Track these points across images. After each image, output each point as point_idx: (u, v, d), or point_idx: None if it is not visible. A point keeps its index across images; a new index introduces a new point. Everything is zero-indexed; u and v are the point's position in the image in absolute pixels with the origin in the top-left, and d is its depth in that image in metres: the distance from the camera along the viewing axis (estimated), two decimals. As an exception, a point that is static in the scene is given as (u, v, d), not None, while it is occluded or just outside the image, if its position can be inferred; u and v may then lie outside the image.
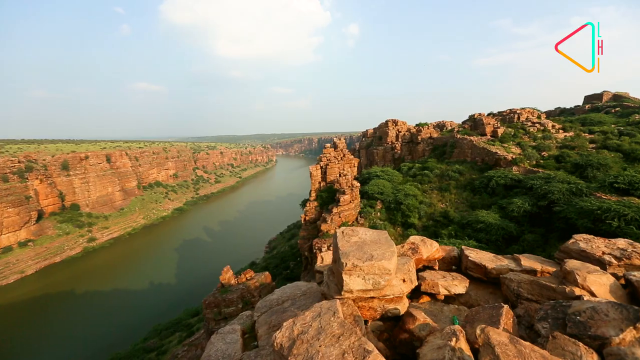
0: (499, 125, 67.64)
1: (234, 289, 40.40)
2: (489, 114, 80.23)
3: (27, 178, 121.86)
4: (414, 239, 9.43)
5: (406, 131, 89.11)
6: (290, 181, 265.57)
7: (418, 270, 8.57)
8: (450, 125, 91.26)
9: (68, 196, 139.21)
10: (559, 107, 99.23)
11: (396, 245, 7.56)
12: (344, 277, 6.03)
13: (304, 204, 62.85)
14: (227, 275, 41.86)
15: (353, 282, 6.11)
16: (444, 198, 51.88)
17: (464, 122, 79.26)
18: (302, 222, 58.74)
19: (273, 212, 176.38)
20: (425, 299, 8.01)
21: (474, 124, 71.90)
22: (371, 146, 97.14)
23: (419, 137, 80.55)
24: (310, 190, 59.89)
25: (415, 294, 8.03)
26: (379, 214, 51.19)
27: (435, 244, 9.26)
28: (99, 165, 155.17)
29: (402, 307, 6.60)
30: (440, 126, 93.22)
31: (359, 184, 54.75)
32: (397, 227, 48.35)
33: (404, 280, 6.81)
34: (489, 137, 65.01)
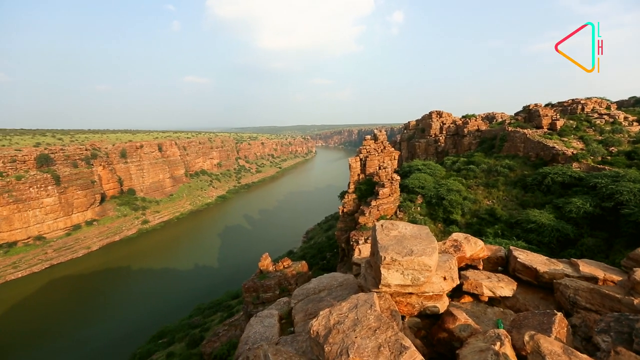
0: (558, 117, 61.76)
1: (271, 276, 41.85)
2: (546, 105, 73.44)
3: (92, 164, 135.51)
4: (457, 236, 9.01)
5: (451, 123, 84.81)
6: (329, 172, 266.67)
7: (460, 269, 8.19)
8: (501, 117, 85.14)
9: (125, 181, 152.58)
10: (634, 97, 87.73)
11: (437, 241, 7.28)
12: (382, 270, 5.95)
13: (342, 195, 62.82)
14: (266, 262, 43.40)
15: (391, 277, 6.01)
16: (490, 195, 48.88)
17: (516, 114, 73.40)
18: (340, 213, 58.84)
19: (311, 202, 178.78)
20: (467, 299, 7.65)
21: (529, 115, 66.41)
22: (413, 139, 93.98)
23: (465, 129, 76.29)
24: (349, 182, 59.65)
25: (456, 293, 7.71)
26: (419, 208, 49.68)
27: (480, 243, 8.77)
28: (152, 153, 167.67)
29: (442, 305, 6.40)
30: (489, 118, 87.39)
31: (399, 178, 53.43)
32: (437, 223, 46.63)
33: (444, 278, 6.58)
34: (545, 130, 59.71)
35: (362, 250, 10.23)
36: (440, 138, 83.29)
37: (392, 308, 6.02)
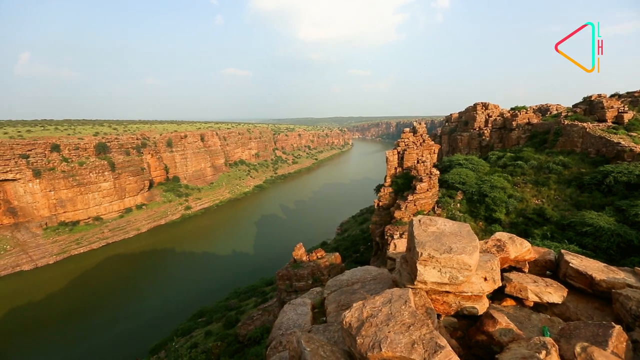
0: (626, 109, 55.42)
1: (305, 265, 42.64)
2: (612, 96, 65.98)
3: (142, 153, 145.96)
4: (501, 235, 8.51)
5: (498, 116, 79.61)
6: (365, 165, 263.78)
7: (503, 271, 7.75)
8: (557, 110, 78.11)
9: (171, 169, 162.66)
10: None
11: (478, 240, 6.93)
12: (418, 267, 5.81)
13: (378, 189, 61.93)
14: (300, 252, 44.28)
15: (427, 273, 5.85)
16: (540, 193, 45.45)
17: (575, 106, 66.85)
18: (375, 207, 58.17)
19: (346, 195, 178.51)
20: (509, 302, 7.24)
21: (590, 107, 60.35)
22: (455, 132, 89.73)
23: (513, 122, 71.27)
24: (386, 176, 58.57)
25: (497, 296, 7.32)
26: (458, 205, 47.60)
27: (527, 244, 8.21)
28: (194, 143, 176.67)
29: (481, 307, 6.15)
30: (542, 110, 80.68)
31: (438, 172, 51.46)
32: (478, 221, 44.41)
33: (485, 279, 6.29)
34: (609, 123, 53.96)
35: (398, 245, 10.03)
36: (485, 131, 78.61)
37: (428, 306, 5.87)
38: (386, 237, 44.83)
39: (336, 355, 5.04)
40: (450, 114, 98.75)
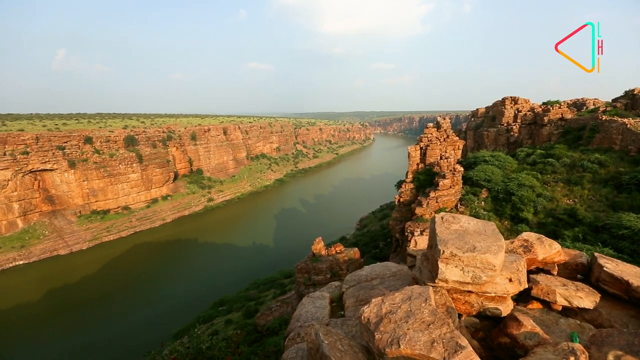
0: (671, 104, 51.43)
1: (323, 259, 42.88)
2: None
3: (167, 145, 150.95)
4: (528, 235, 8.17)
5: (528, 111, 76.07)
6: (386, 160, 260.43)
7: (529, 272, 7.46)
8: (594, 104, 73.54)
9: (195, 162, 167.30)
10: None
11: (504, 240, 6.68)
12: (440, 265, 5.69)
13: (399, 185, 61.06)
14: (319, 246, 44.54)
15: (449, 272, 5.72)
16: (572, 193, 43.21)
17: (615, 100, 62.60)
18: (396, 203, 57.45)
19: (367, 190, 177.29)
20: (536, 305, 6.96)
21: (632, 102, 56.49)
22: (481, 127, 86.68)
23: (545, 118, 67.89)
24: (407, 172, 57.60)
25: (522, 298, 7.06)
26: (483, 203, 46.14)
27: (556, 245, 7.83)
28: (217, 137, 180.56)
29: (505, 308, 5.98)
30: (577, 105, 76.27)
31: (462, 169, 50.00)
32: (504, 220, 42.90)
33: (510, 280, 6.09)
34: (652, 120, 50.25)
35: (418, 242, 9.86)
36: (514, 127, 75.39)
37: (449, 305, 5.76)
38: (406, 233, 44.25)
39: (354, 350, 5.05)
40: (477, 109, 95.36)
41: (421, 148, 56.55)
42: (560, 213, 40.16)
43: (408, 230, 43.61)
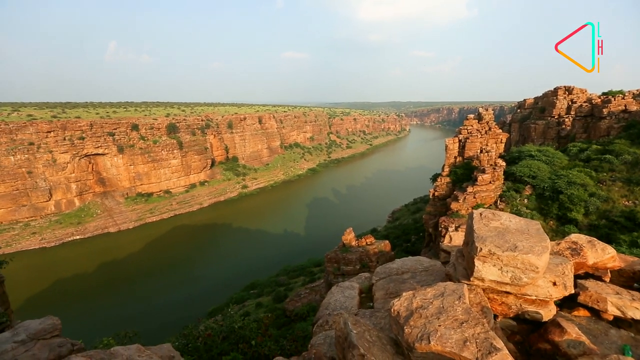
0: None
1: (353, 250, 42.91)
2: None
3: (206, 133, 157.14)
4: (577, 237, 7.57)
5: (584, 102, 69.66)
6: (422, 153, 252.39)
7: (577, 277, 6.93)
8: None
9: (231, 150, 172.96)
10: None
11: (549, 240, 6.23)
12: (476, 262, 5.45)
13: (434, 178, 59.09)
14: (349, 237, 44.58)
15: (486, 271, 5.47)
16: (632, 194, 39.30)
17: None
18: (430, 197, 55.83)
19: (400, 182, 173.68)
20: (582, 312, 6.48)
21: None
22: (528, 119, 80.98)
23: (604, 110, 61.88)
24: (444, 165, 55.52)
25: (567, 303, 6.60)
26: (526, 200, 43.43)
27: (611, 250, 7.19)
28: (253, 125, 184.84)
29: (547, 313, 5.66)
30: (643, 96, 68.48)
31: (504, 163, 47.23)
32: (549, 220, 40.14)
33: (554, 283, 5.72)
34: None
35: (453, 238, 9.52)
36: (566, 120, 69.51)
37: (484, 304, 5.53)
38: (440, 228, 42.94)
39: (382, 341, 5.03)
40: (524, 100, 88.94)
41: (460, 140, 54.06)
42: (617, 215, 36.76)
43: (442, 226, 42.27)
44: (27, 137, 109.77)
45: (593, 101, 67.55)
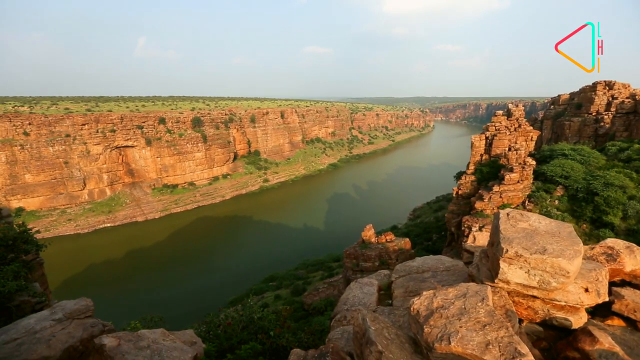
0: None
1: (373, 247, 42.65)
2: None
3: (229, 127, 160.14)
4: (614, 242, 7.15)
5: (627, 97, 65.23)
6: (445, 150, 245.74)
7: (612, 284, 6.55)
8: None
9: (253, 144, 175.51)
10: None
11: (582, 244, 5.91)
12: (502, 264, 5.27)
13: (458, 176, 57.52)
14: (369, 233, 44.32)
15: (512, 273, 5.28)
16: (676, 198, 36.59)
17: None
18: (454, 195, 54.47)
19: (422, 179, 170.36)
20: (616, 322, 6.12)
21: None
22: (562, 116, 76.88)
23: (647, 107, 57.69)
24: (469, 163, 53.89)
25: (600, 311, 6.26)
26: (557, 202, 41.42)
27: (651, 257, 6.72)
28: (275, 120, 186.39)
29: (577, 320, 5.41)
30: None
31: (534, 162, 45.23)
32: (582, 223, 38.13)
33: (586, 290, 5.44)
34: None
35: (477, 238, 9.23)
36: (606, 117, 65.41)
37: (508, 307, 5.35)
38: (463, 228, 41.85)
39: (400, 339, 4.98)
40: (558, 95, 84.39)
41: (487, 138, 52.19)
42: (657, 220, 34.40)
43: (465, 225, 41.18)
44: (64, 129, 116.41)
45: (637, 97, 63.09)
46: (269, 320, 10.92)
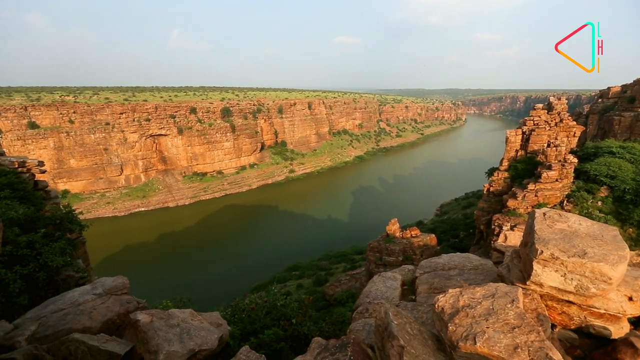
0: None
1: (397, 241, 42.15)
2: None
3: (257, 117, 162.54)
4: (664, 248, 6.58)
5: (685, 92, 59.18)
6: (477, 144, 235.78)
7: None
8: None
9: (280, 134, 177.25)
10: None
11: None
12: (535, 266, 5.05)
13: (490, 172, 55.12)
14: (394, 227, 43.79)
15: (546, 276, 5.04)
16: None
17: None
18: (485, 192, 52.40)
19: (451, 175, 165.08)
20: (663, 334, 5.68)
21: None
22: (611, 111, 71.17)
23: None
24: (502, 159, 51.47)
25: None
26: (600, 203, 38.73)
27: None
28: (302, 111, 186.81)
29: (617, 330, 5.11)
30: None
31: (575, 160, 42.42)
32: (628, 227, 35.48)
33: (630, 299, 5.12)
34: None
35: (509, 237, 8.86)
36: (659, 113, 59.83)
37: (540, 311, 5.11)
38: (493, 226, 40.26)
39: (423, 336, 4.91)
40: (608, 88, 77.91)
41: (523, 132, 49.45)
42: None
43: (496, 223, 39.57)
44: (104, 117, 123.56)
45: (698, 91, 57.07)
46: (292, 308, 11.15)
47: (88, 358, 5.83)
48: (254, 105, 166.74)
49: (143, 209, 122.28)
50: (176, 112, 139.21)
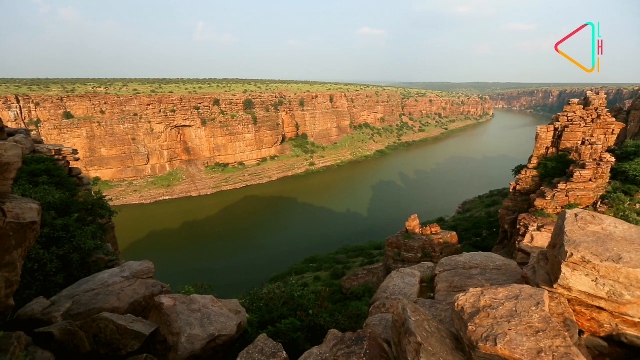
0: None
1: (416, 238, 41.55)
2: None
3: (278, 110, 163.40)
4: None
5: None
6: (504, 141, 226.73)
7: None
8: None
9: (301, 127, 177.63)
10: None
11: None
12: (564, 269, 4.82)
13: (518, 170, 52.97)
14: (413, 224, 43.16)
15: (575, 279, 4.80)
16: None
17: None
18: (511, 190, 50.52)
19: (475, 172, 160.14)
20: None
21: None
22: (652, 108, 66.32)
23: None
24: (531, 156, 49.29)
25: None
26: (638, 205, 36.45)
27: None
28: (324, 104, 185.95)
29: None
30: None
31: (613, 159, 40.03)
32: (666, 230, 33.12)
33: (668, 307, 4.72)
34: None
35: (535, 238, 8.50)
36: None
37: (568, 316, 4.90)
38: (519, 226, 38.84)
39: (441, 334, 4.83)
40: (650, 83, 72.45)
41: (556, 129, 47.03)
42: None
43: (522, 223, 38.14)
44: (133, 108, 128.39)
45: None
46: (309, 299, 11.28)
47: (116, 336, 6.17)
48: (275, 97, 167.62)
49: (167, 198, 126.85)
50: (200, 103, 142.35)
